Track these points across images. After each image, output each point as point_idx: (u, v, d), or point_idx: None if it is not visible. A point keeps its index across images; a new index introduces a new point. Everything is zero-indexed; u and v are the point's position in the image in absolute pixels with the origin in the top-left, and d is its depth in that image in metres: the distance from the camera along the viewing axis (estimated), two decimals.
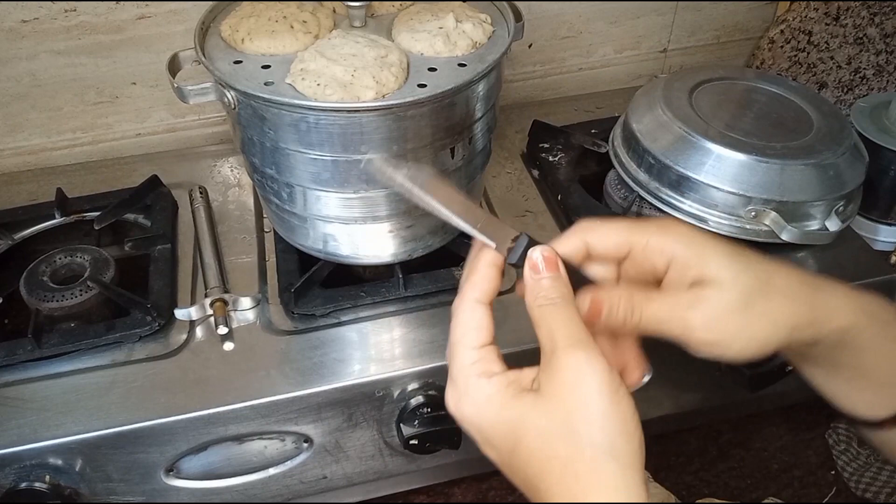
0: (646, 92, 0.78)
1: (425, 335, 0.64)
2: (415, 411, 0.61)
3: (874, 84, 1.01)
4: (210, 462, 0.61)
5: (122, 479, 0.59)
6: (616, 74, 1.01)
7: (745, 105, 0.76)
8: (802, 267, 0.69)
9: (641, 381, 0.44)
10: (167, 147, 0.91)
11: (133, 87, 0.87)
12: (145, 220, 0.77)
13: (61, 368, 0.62)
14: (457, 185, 0.64)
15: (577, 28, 0.96)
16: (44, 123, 0.87)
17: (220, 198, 0.79)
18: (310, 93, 0.55)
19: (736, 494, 0.67)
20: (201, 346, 0.63)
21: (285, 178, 0.61)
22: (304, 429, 0.61)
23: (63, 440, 0.56)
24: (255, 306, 0.66)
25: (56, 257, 0.69)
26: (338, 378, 0.60)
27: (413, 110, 0.56)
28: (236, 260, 0.71)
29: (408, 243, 0.66)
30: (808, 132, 0.72)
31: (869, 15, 0.96)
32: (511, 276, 0.69)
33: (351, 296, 0.66)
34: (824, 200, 0.69)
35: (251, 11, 0.63)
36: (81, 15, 0.80)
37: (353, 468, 0.64)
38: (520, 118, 0.88)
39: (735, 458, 0.70)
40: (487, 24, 0.62)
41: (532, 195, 0.78)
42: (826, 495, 0.67)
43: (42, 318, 0.64)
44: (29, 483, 0.56)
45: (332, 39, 0.59)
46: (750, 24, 1.02)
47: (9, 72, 0.82)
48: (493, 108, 0.64)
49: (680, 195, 0.71)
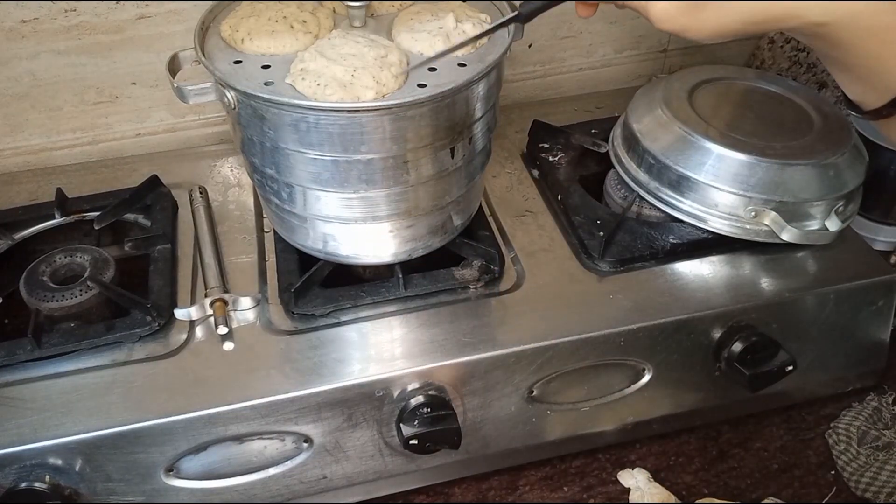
0: (646, 92, 0.78)
1: (425, 335, 0.64)
2: (415, 411, 0.61)
3: None
4: (210, 462, 0.61)
5: (122, 479, 0.59)
6: (616, 74, 1.01)
7: (745, 105, 0.76)
8: (802, 267, 0.70)
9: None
10: (167, 147, 0.91)
11: (133, 87, 0.87)
12: (145, 220, 0.77)
13: (61, 368, 0.62)
14: (456, 184, 0.64)
15: (577, 28, 0.96)
16: (44, 123, 0.87)
17: (220, 198, 0.79)
18: (310, 93, 0.55)
19: (736, 494, 0.67)
20: (201, 346, 0.64)
21: (285, 178, 0.61)
22: (303, 429, 0.61)
23: (63, 440, 0.56)
24: (255, 306, 0.66)
25: (56, 257, 0.69)
26: (338, 378, 0.60)
27: (413, 110, 0.56)
28: (236, 260, 0.71)
29: (408, 243, 0.66)
30: (808, 132, 0.72)
31: None
32: (511, 277, 0.69)
33: (351, 296, 0.66)
34: (824, 200, 0.69)
35: (251, 11, 0.63)
36: (81, 15, 0.80)
37: (353, 468, 0.64)
38: (520, 118, 0.88)
39: (735, 458, 0.70)
40: (487, 25, 0.62)
41: (532, 195, 0.78)
42: (826, 495, 0.67)
43: (42, 318, 0.64)
44: (29, 483, 0.56)
45: (332, 39, 0.59)
46: None
47: (9, 72, 0.82)
48: (493, 108, 0.64)
49: (680, 195, 0.71)
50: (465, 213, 0.70)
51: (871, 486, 0.66)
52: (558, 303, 0.66)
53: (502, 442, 0.66)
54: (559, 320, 0.64)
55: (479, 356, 0.62)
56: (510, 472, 0.69)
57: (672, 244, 0.70)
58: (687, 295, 0.67)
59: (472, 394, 0.63)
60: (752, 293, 0.67)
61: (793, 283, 0.68)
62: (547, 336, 0.63)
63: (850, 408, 0.73)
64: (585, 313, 0.65)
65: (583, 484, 0.68)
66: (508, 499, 0.67)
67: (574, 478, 0.69)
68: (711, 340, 0.67)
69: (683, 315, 0.65)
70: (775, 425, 0.73)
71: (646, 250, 0.70)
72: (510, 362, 0.62)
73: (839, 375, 0.74)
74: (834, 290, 0.68)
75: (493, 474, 0.69)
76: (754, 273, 0.69)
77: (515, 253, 0.71)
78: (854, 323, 0.70)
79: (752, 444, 0.72)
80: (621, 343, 0.64)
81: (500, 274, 0.68)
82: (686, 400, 0.70)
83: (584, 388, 0.66)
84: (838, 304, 0.69)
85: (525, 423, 0.66)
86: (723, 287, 0.68)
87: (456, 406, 0.62)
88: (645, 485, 0.67)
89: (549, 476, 0.69)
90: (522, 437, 0.67)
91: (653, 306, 0.66)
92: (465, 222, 0.70)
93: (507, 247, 0.72)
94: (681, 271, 0.69)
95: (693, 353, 0.67)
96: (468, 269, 0.68)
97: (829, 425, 0.72)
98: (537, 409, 0.66)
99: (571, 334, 0.63)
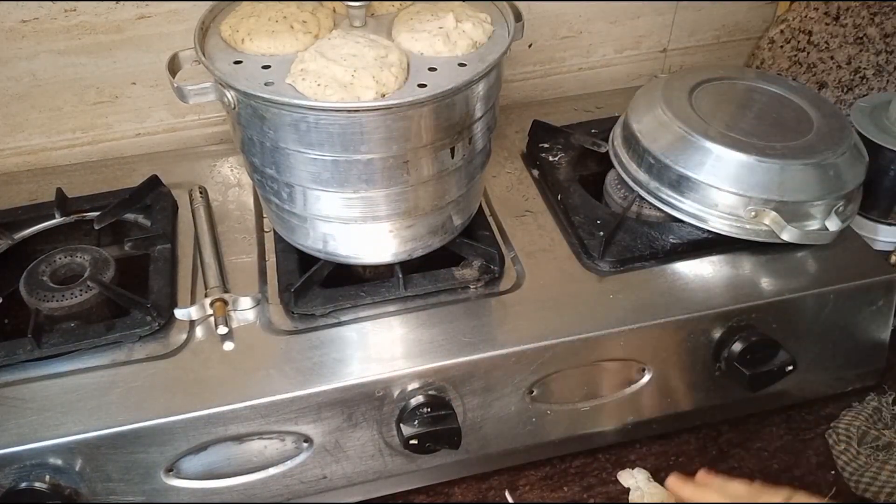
0: (646, 92, 0.78)
1: (425, 335, 0.64)
2: (415, 411, 0.61)
3: (874, 84, 1.01)
4: (210, 462, 0.61)
5: (122, 479, 0.59)
6: (616, 74, 1.01)
7: (745, 105, 0.76)
8: (802, 267, 0.70)
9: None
10: (167, 147, 0.91)
11: (133, 87, 0.87)
12: (145, 220, 0.77)
13: (61, 368, 0.62)
14: (456, 184, 0.64)
15: (577, 28, 0.96)
16: (44, 123, 0.87)
17: (220, 198, 0.79)
18: (310, 93, 0.55)
19: None
20: (201, 346, 0.63)
21: (285, 178, 0.61)
22: (303, 429, 0.61)
23: (63, 440, 0.56)
24: (255, 306, 0.66)
25: (56, 257, 0.69)
26: (338, 378, 0.60)
27: (413, 110, 0.56)
28: (236, 260, 0.71)
29: (408, 243, 0.66)
30: (808, 132, 0.72)
31: (869, 15, 0.96)
32: (511, 277, 0.69)
33: (351, 296, 0.66)
34: (824, 200, 0.69)
35: (251, 11, 0.63)
36: (81, 15, 0.80)
37: (353, 468, 0.64)
38: (520, 118, 0.88)
39: (735, 458, 0.70)
40: (487, 24, 0.62)
41: (532, 195, 0.78)
42: (826, 495, 0.67)
43: (42, 318, 0.64)
44: (29, 483, 0.56)
45: (332, 39, 0.59)
46: (750, 24, 1.02)
47: (9, 72, 0.82)
48: (493, 107, 0.64)
49: (680, 195, 0.71)
50: (465, 213, 0.70)
51: (871, 486, 0.66)
52: (558, 303, 0.66)
53: (502, 442, 0.66)
54: (559, 320, 0.64)
55: (479, 356, 0.62)
56: (510, 472, 0.69)
57: (672, 244, 0.70)
58: (687, 295, 0.67)
59: (472, 394, 0.63)
60: (752, 293, 0.67)
61: (793, 283, 0.68)
62: (547, 336, 0.63)
63: (850, 408, 0.73)
64: (585, 313, 0.65)
65: (583, 484, 0.68)
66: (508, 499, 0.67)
67: (574, 478, 0.69)
68: (711, 340, 0.66)
69: (683, 315, 0.65)
70: (775, 425, 0.73)
71: (646, 250, 0.70)
72: (510, 362, 0.62)
73: (839, 375, 0.74)
74: (834, 290, 0.68)
75: (493, 474, 0.69)
76: (754, 273, 0.69)
77: (515, 253, 0.71)
78: (854, 323, 0.70)
79: (752, 444, 0.72)
80: (621, 343, 0.64)
81: (500, 274, 0.68)
82: (686, 400, 0.70)
83: (584, 388, 0.66)
84: (838, 304, 0.69)
85: (525, 423, 0.66)
86: (723, 287, 0.68)
87: (456, 406, 0.62)
88: (645, 484, 0.67)
89: (549, 476, 0.69)
90: (522, 437, 0.67)
91: (653, 306, 0.66)
92: (465, 222, 0.70)
93: (507, 247, 0.72)
94: (681, 271, 0.69)
95: (693, 353, 0.67)
96: (468, 268, 0.68)
97: (829, 425, 0.72)
98: (537, 409, 0.66)
99: (571, 334, 0.63)
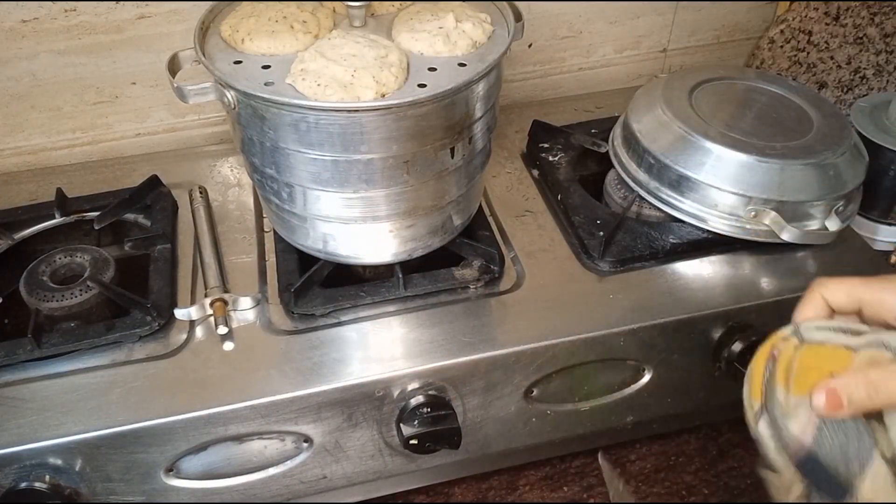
0: (646, 92, 0.78)
1: (425, 335, 0.64)
2: (415, 411, 0.61)
3: (874, 84, 1.01)
4: (210, 462, 0.61)
5: (122, 479, 0.59)
6: (616, 74, 1.01)
7: (745, 105, 0.76)
8: (802, 267, 0.70)
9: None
10: (167, 147, 0.91)
11: (133, 87, 0.87)
12: (145, 220, 0.77)
13: (61, 368, 0.62)
14: (456, 184, 0.64)
15: (577, 28, 0.96)
16: (44, 123, 0.87)
17: (220, 198, 0.79)
18: (310, 93, 0.55)
19: (736, 494, 0.67)
20: (201, 346, 0.63)
21: (285, 178, 0.61)
22: (303, 429, 0.61)
23: (63, 440, 0.56)
24: (255, 306, 0.66)
25: (56, 257, 0.69)
26: (338, 378, 0.60)
27: (413, 110, 0.56)
28: (236, 260, 0.71)
29: (408, 243, 0.66)
30: (808, 132, 0.72)
31: (869, 15, 0.96)
32: (511, 277, 0.69)
33: (351, 296, 0.66)
34: (824, 200, 0.69)
35: (251, 11, 0.63)
36: (81, 15, 0.80)
37: (353, 468, 0.64)
38: (520, 118, 0.88)
39: (735, 458, 0.70)
40: (487, 24, 0.62)
41: (532, 195, 0.78)
42: None
43: (42, 318, 0.64)
44: (29, 483, 0.56)
45: (332, 39, 0.59)
46: (750, 24, 1.02)
47: (9, 72, 0.82)
48: (493, 107, 0.64)
49: (680, 195, 0.71)
50: (465, 213, 0.70)
51: None
52: (558, 303, 0.66)
53: (502, 442, 0.66)
54: (559, 320, 0.64)
55: (479, 356, 0.62)
56: (510, 472, 0.69)
57: (672, 244, 0.70)
58: (687, 295, 0.67)
59: (472, 394, 0.63)
60: (752, 293, 0.67)
61: (793, 283, 0.68)
62: (547, 336, 0.63)
63: None
64: (585, 313, 0.65)
65: (583, 484, 0.68)
66: (508, 499, 0.67)
67: (574, 478, 0.69)
68: (711, 340, 0.66)
69: (683, 315, 0.65)
70: None
71: (646, 250, 0.70)
72: (510, 362, 0.62)
73: None
74: None
75: (493, 474, 0.69)
76: (754, 273, 0.69)
77: (515, 253, 0.71)
78: None
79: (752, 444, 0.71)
80: (621, 343, 0.64)
81: (499, 274, 0.68)
82: (686, 400, 0.70)
83: (584, 388, 0.66)
84: None
85: (525, 423, 0.66)
86: (723, 287, 0.68)
87: (456, 406, 0.62)
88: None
89: (549, 476, 0.69)
90: (522, 437, 0.67)
91: (653, 306, 0.66)
92: (465, 222, 0.70)
93: (507, 247, 0.72)
94: (681, 271, 0.69)
95: (693, 353, 0.67)
96: (468, 268, 0.68)
97: None
98: (537, 409, 0.66)
99: (571, 334, 0.63)
